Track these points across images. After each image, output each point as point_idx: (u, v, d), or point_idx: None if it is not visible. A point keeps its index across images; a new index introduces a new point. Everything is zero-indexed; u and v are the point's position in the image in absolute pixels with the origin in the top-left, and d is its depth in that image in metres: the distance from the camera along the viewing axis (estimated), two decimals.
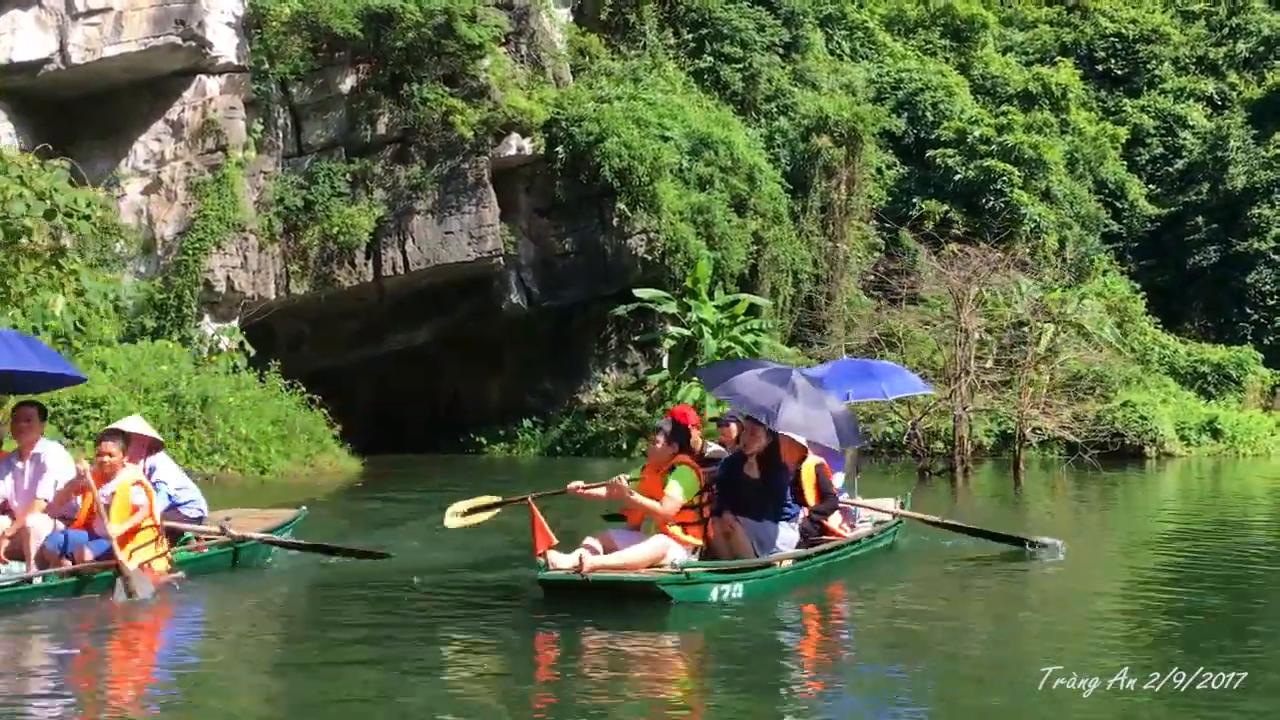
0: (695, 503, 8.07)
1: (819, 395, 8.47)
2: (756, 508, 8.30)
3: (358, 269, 24.35)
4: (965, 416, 17.71)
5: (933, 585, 9.43)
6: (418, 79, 24.29)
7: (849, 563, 9.49)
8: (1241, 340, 35.12)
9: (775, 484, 8.37)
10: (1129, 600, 8.74)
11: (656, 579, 7.59)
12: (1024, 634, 7.60)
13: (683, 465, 8.02)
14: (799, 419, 8.12)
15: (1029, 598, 9.00)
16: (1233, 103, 40.79)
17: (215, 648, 6.95)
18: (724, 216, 28.79)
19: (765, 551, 8.30)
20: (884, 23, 39.87)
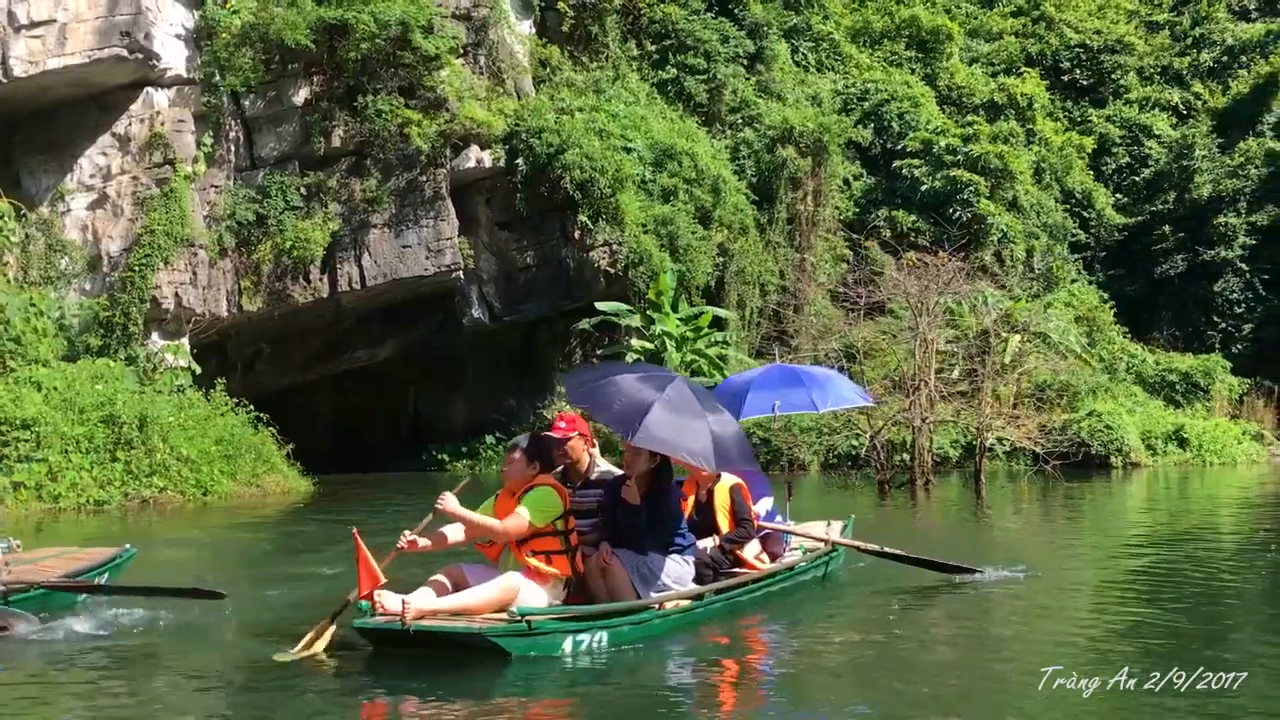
0: (559, 528, 6.90)
1: (699, 406, 7.24)
2: (637, 538, 7.14)
3: (313, 285, 23.89)
4: (925, 428, 17.39)
5: (868, 624, 7.99)
6: (373, 91, 23.90)
7: (764, 599, 8.26)
8: (1210, 349, 35.09)
9: (660, 510, 7.21)
10: (1098, 624, 7.83)
11: (487, 630, 6.31)
12: (976, 691, 5.96)
13: (541, 485, 6.91)
14: (665, 432, 6.90)
15: (983, 637, 7.47)
16: (1198, 112, 40.92)
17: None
18: (688, 228, 28.50)
19: (649, 590, 7.10)
20: (849, 34, 39.79)
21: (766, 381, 10.08)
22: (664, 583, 7.23)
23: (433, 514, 6.86)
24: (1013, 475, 22.00)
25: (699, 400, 7.36)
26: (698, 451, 6.97)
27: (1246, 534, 13.23)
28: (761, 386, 9.93)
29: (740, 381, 10.35)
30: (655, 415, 6.91)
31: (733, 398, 9.80)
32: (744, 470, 8.83)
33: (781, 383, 10.01)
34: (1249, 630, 7.58)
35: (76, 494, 14.72)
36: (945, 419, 18.69)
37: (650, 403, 6.98)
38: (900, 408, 17.55)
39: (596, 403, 7.30)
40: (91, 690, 6.04)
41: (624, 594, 6.97)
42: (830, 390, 10.14)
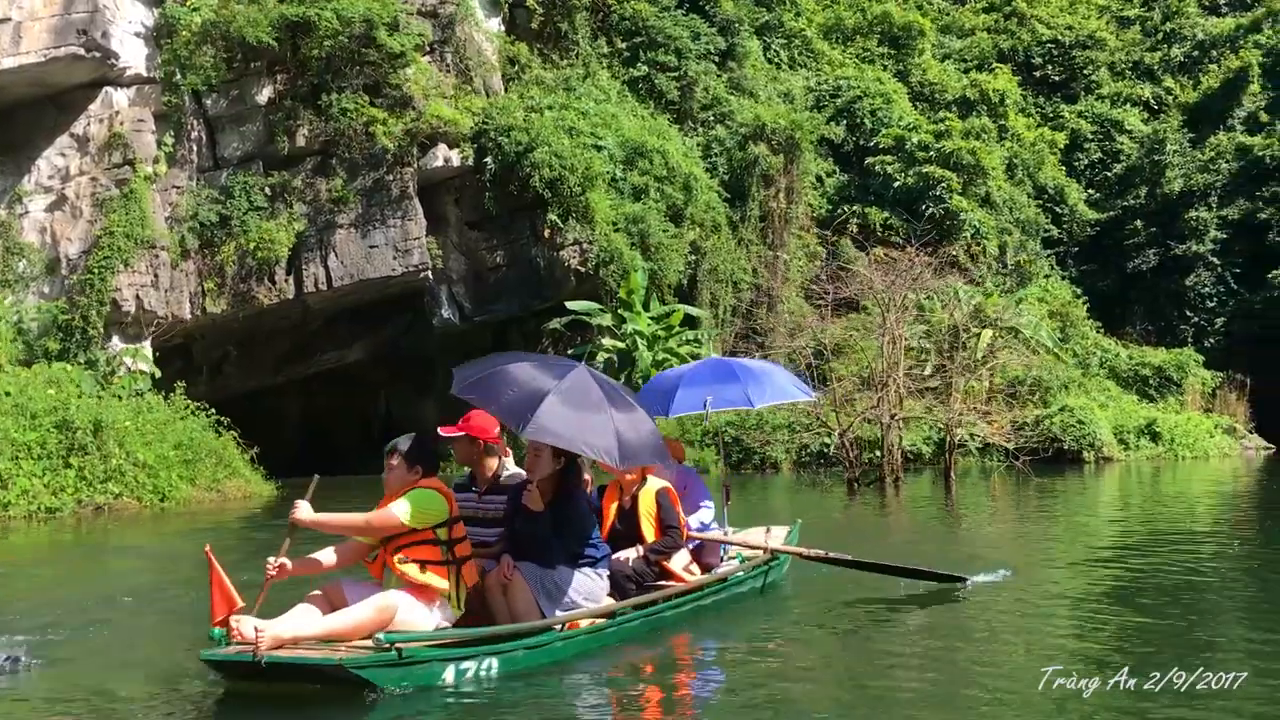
0: (440, 536, 6.08)
1: (601, 398, 6.46)
2: (541, 550, 6.43)
3: (278, 286, 23.56)
4: (895, 424, 17.24)
5: (811, 640, 7.26)
6: (337, 89, 23.61)
7: (693, 615, 7.48)
8: (1182, 343, 35.22)
9: (567, 516, 6.49)
10: (1079, 629, 7.40)
11: (349, 661, 5.46)
12: None
13: (423, 487, 6.12)
14: (561, 424, 6.15)
15: (941, 653, 6.71)
16: (1168, 107, 41.07)
17: None
18: (659, 226, 28.30)
19: (555, 608, 6.38)
20: (821, 31, 39.72)
21: (698, 377, 9.27)
22: (572, 599, 6.49)
23: (289, 528, 6.08)
24: (986, 472, 21.93)
25: (604, 391, 6.59)
26: (600, 447, 6.21)
27: (1223, 529, 13.11)
28: (692, 382, 9.13)
29: (671, 377, 9.50)
30: (550, 406, 6.18)
31: (663, 394, 9.18)
32: (683, 474, 8.51)
33: (714, 378, 9.21)
34: (1237, 628, 7.46)
35: (27, 501, 14.39)
36: (915, 415, 18.53)
37: (545, 392, 6.26)
38: (869, 404, 17.38)
39: (485, 394, 6.48)
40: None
41: (527, 613, 6.28)
42: (766, 384, 9.22)
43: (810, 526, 10.81)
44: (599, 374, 6.85)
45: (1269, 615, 7.77)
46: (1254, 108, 39.24)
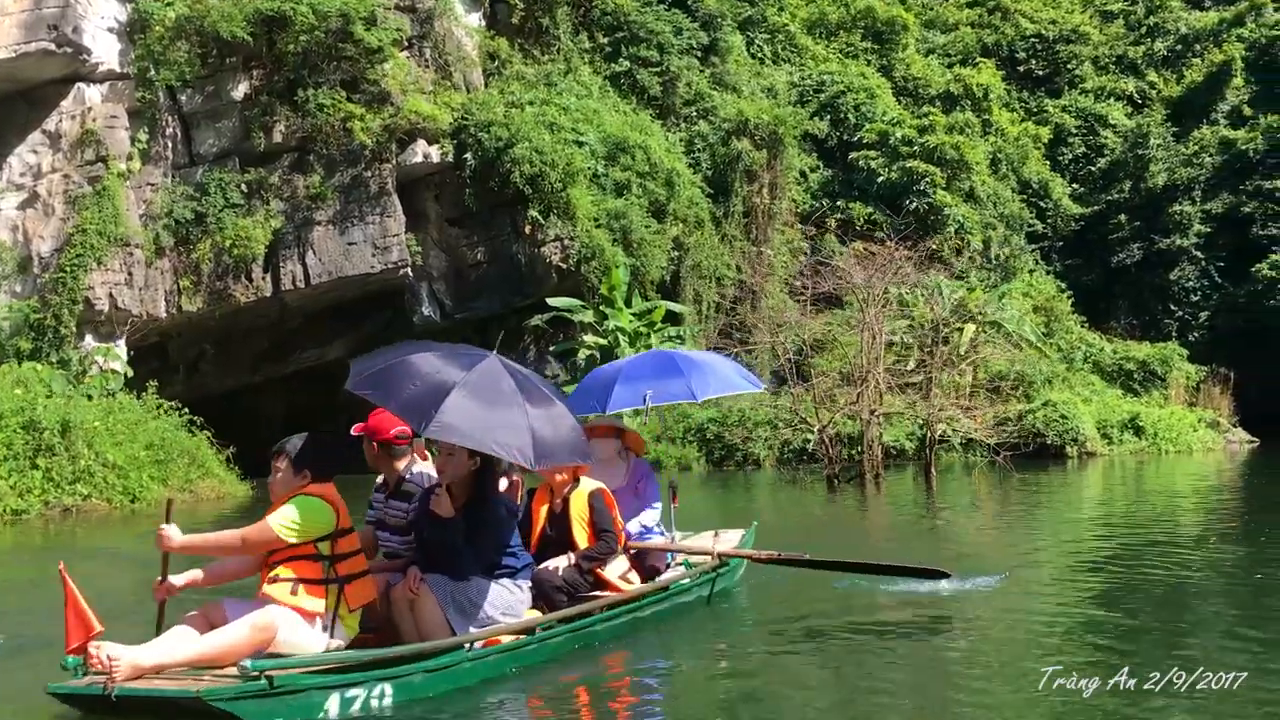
0: (322, 551, 5.43)
1: (514, 391, 5.86)
2: (450, 560, 5.88)
3: (255, 284, 23.34)
4: (875, 420, 17.10)
5: (767, 655, 6.59)
6: (314, 85, 23.37)
7: (629, 628, 6.88)
8: (1167, 337, 35.18)
9: (481, 523, 5.93)
10: (1064, 632, 7.05)
11: (207, 693, 4.80)
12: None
13: (305, 494, 5.50)
14: (467, 421, 5.54)
15: (920, 665, 6.23)
16: (1152, 101, 41.04)
17: None
18: (642, 222, 28.13)
19: (468, 624, 5.82)
20: (805, 26, 39.57)
21: (638, 370, 8.64)
22: (488, 614, 5.93)
23: (161, 553, 5.52)
24: (969, 467, 21.81)
25: (518, 384, 5.97)
26: (512, 445, 5.61)
27: (1209, 525, 12.96)
28: (631, 376, 8.49)
29: (609, 371, 8.83)
30: (455, 401, 5.56)
31: (601, 389, 8.55)
32: (638, 469, 7.95)
33: (656, 371, 8.57)
34: (1229, 626, 7.34)
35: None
36: (895, 411, 18.40)
37: (450, 386, 5.64)
38: (848, 400, 17.24)
39: (384, 388, 5.79)
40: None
41: (436, 631, 5.72)
42: (710, 376, 8.58)
43: (787, 525, 10.70)
44: (514, 365, 6.26)
45: (1260, 613, 7.64)
46: (1237, 101, 39.23)
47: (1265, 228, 35.54)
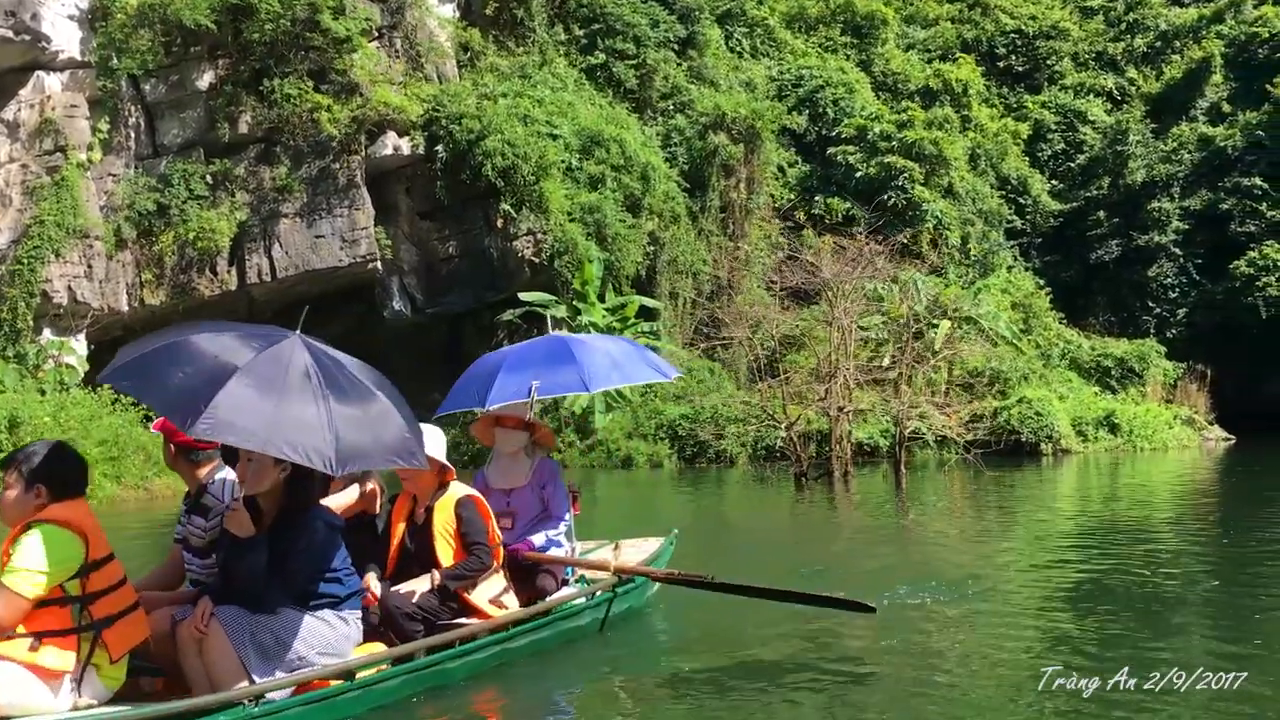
0: (72, 592, 4.39)
1: (316, 382, 4.71)
2: (249, 589, 4.86)
3: (220, 277, 22.95)
4: (844, 416, 16.84)
5: (681, 694, 5.69)
6: (281, 74, 22.98)
7: (496, 665, 5.89)
8: (1145, 334, 35.06)
9: (290, 544, 4.91)
10: (1036, 639, 6.69)
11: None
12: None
13: (43, 524, 4.35)
14: (247, 418, 4.43)
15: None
16: (1131, 97, 40.94)
17: None
18: (616, 216, 27.84)
19: (270, 667, 4.80)
20: (784, 20, 39.31)
21: (526, 358, 7.54)
22: (299, 654, 4.88)
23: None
24: (943, 465, 21.58)
25: (322, 372, 4.78)
26: (306, 447, 4.50)
27: (1185, 525, 12.73)
28: (518, 365, 7.40)
29: (493, 360, 7.75)
30: (234, 392, 4.46)
31: (482, 380, 7.46)
32: (544, 469, 7.02)
33: (547, 359, 7.46)
34: (1204, 628, 7.18)
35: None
36: (863, 408, 18.14)
37: (229, 374, 4.53)
38: (816, 396, 16.98)
39: (145, 378, 4.69)
40: None
41: (228, 676, 4.71)
42: (608, 366, 7.51)
43: (748, 526, 10.37)
44: (323, 349, 5.04)
45: (1239, 615, 7.46)
46: (1216, 98, 39.15)
47: (1243, 225, 35.47)
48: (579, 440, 24.66)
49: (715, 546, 10.70)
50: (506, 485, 7.00)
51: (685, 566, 7.45)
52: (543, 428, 7.25)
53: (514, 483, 6.97)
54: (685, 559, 8.00)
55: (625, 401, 25.32)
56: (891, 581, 8.17)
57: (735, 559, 9.80)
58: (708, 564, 7.68)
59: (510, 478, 6.99)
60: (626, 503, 17.16)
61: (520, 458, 6.99)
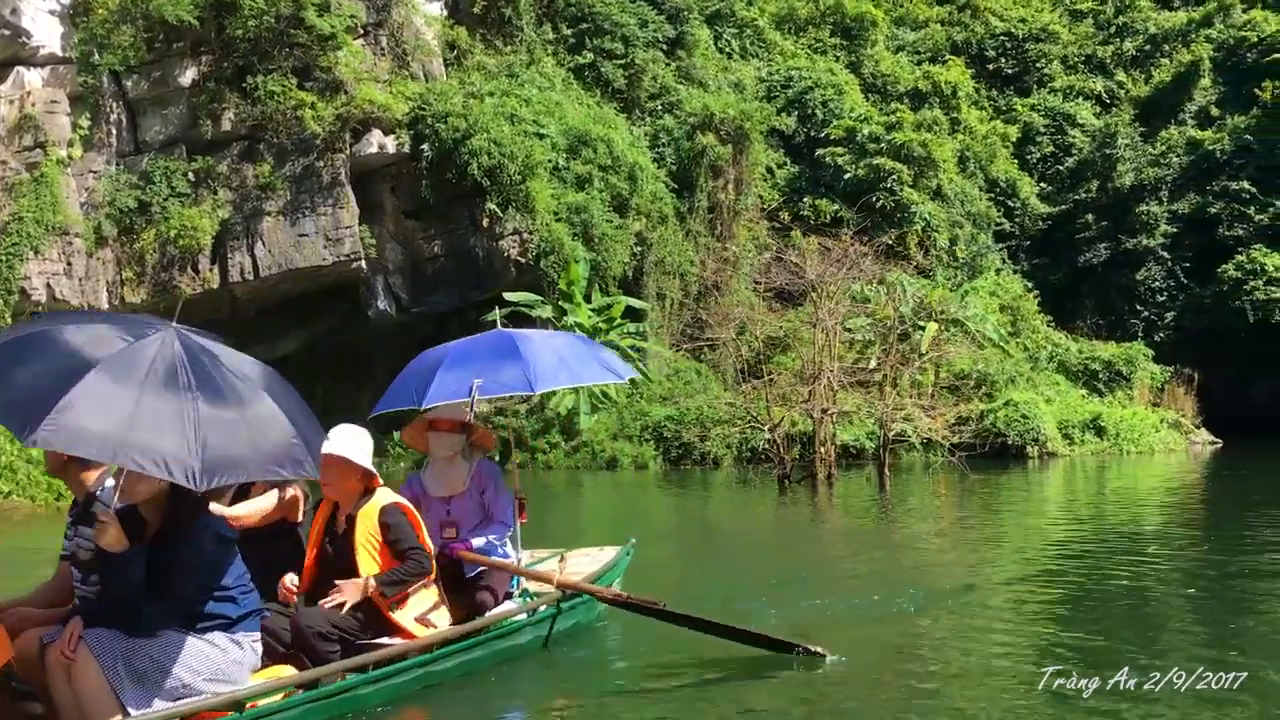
0: None
1: (185, 379, 4.14)
2: (122, 609, 4.36)
3: (202, 275, 22.75)
4: (827, 419, 16.72)
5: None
6: (264, 71, 22.79)
7: (418, 689, 5.36)
8: (1133, 337, 35.05)
9: (172, 557, 4.39)
10: (1009, 651, 6.38)
11: None
12: None
13: None
14: (95, 423, 3.88)
15: None
16: (1120, 101, 40.95)
17: None
18: (603, 216, 27.70)
19: (148, 696, 4.33)
20: (774, 21, 39.23)
21: (469, 354, 6.85)
22: (183, 682, 4.39)
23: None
24: (929, 467, 21.50)
25: (193, 370, 4.17)
26: (161, 455, 3.88)
27: (1172, 530, 12.60)
28: (459, 362, 6.74)
29: (433, 356, 7.01)
30: (84, 394, 3.88)
31: (421, 377, 6.79)
32: (484, 472, 6.52)
33: (491, 356, 6.77)
34: (1195, 632, 7.06)
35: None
36: (847, 410, 18.02)
37: (80, 373, 3.95)
38: (800, 398, 16.86)
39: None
40: None
41: (99, 707, 4.22)
42: (556, 365, 6.80)
43: (727, 528, 10.19)
44: (202, 342, 4.42)
45: (1221, 618, 7.36)
46: (1205, 102, 39.19)
47: (1231, 228, 35.49)
48: (564, 441, 24.52)
49: (691, 551, 10.58)
50: (445, 492, 6.47)
51: (656, 573, 7.27)
52: (480, 430, 6.66)
53: (453, 489, 6.46)
54: (659, 565, 7.85)
55: (611, 403, 25.21)
56: (867, 588, 8.04)
57: (710, 565, 9.65)
58: (680, 570, 7.55)
59: (448, 484, 6.47)
60: (608, 504, 17.05)
61: (457, 462, 6.47)
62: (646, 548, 9.30)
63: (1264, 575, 8.92)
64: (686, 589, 7.95)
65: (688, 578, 8.87)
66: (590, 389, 25.30)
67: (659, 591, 6.87)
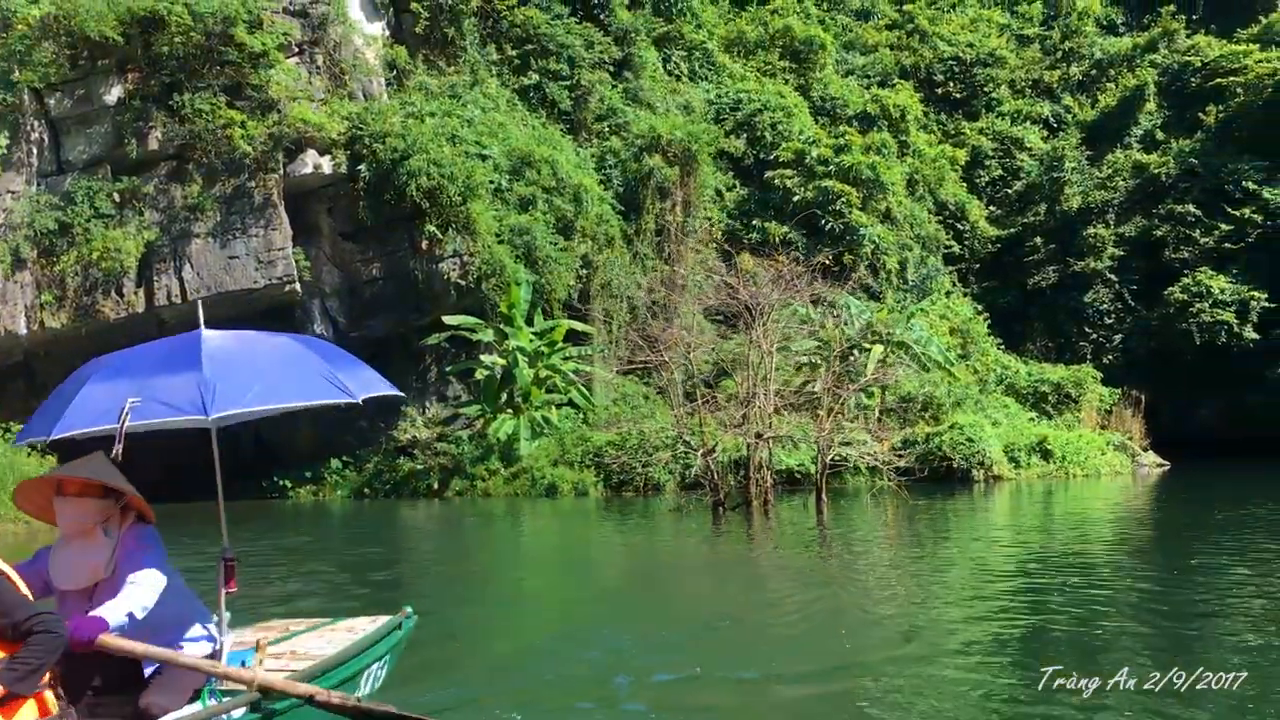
0: None
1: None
2: None
3: (126, 298, 22.04)
4: (762, 443, 16.28)
5: None
6: (193, 89, 22.19)
7: None
8: (1081, 359, 35.06)
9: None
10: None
11: None
12: None
13: None
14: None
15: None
16: (1067, 125, 41.22)
17: None
18: (547, 239, 27.28)
19: None
20: (723, 44, 39.11)
21: (133, 363, 4.76)
22: None
23: None
24: (875, 491, 21.11)
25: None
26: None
27: (1119, 559, 12.17)
28: (122, 372, 4.67)
29: (88, 370, 4.89)
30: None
31: (64, 397, 4.72)
32: (140, 559, 4.50)
33: (164, 365, 4.69)
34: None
35: None
36: (782, 434, 17.59)
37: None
38: (733, 422, 16.41)
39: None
40: None
41: None
42: (245, 379, 4.67)
43: (650, 564, 9.53)
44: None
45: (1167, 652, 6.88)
46: (1150, 126, 39.53)
47: (1177, 251, 35.69)
48: (504, 468, 23.95)
49: (597, 588, 10.02)
50: (81, 583, 4.54)
51: (529, 616, 6.49)
52: (132, 493, 4.62)
53: (92, 576, 4.53)
54: (565, 600, 7.17)
55: (553, 428, 24.68)
56: (762, 650, 7.03)
57: (615, 606, 8.98)
58: (577, 608, 6.93)
59: (82, 571, 4.53)
60: (531, 534, 16.47)
61: (96, 538, 4.54)
62: (538, 581, 8.66)
63: (1210, 610, 8.48)
64: (555, 648, 7.17)
65: (567, 627, 7.97)
66: (531, 414, 24.77)
67: (516, 640, 6.02)
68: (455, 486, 24.11)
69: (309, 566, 13.11)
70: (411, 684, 6.01)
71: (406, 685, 5.92)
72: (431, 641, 6.79)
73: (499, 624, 7.67)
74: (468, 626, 8.02)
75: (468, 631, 7.81)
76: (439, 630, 7.35)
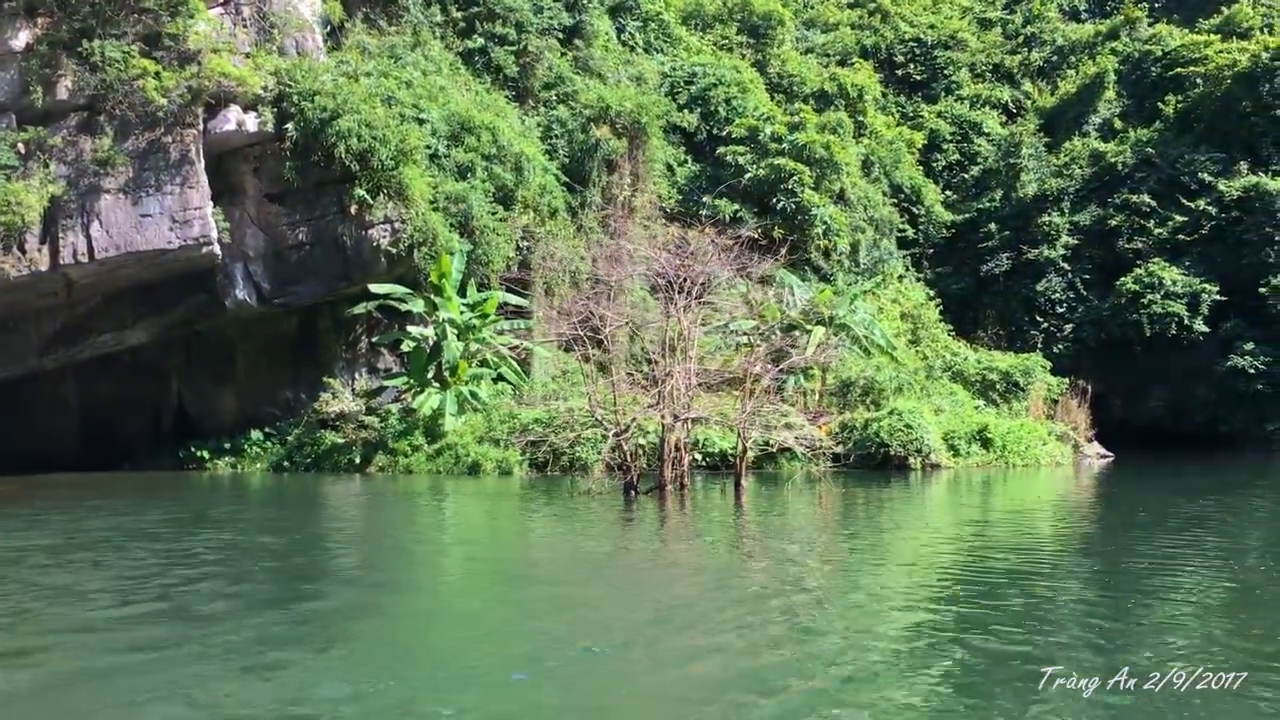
0: None
1: None
2: None
3: (29, 255, 20.92)
4: (679, 424, 15.50)
5: None
6: (106, 36, 21.01)
7: None
8: (1032, 348, 34.61)
9: None
10: None
11: None
12: None
13: None
14: None
15: None
16: (1026, 110, 40.72)
17: None
18: (485, 208, 26.32)
19: None
20: (680, 16, 38.19)
21: None
22: None
23: None
24: (806, 478, 20.44)
25: None
26: None
27: (1050, 552, 11.62)
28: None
29: None
30: None
31: None
32: None
33: None
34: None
35: None
36: (700, 415, 16.82)
37: None
38: (647, 402, 15.64)
39: None
40: None
41: None
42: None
43: (540, 553, 8.69)
44: None
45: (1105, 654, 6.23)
46: (1109, 114, 39.09)
47: (1131, 241, 35.32)
48: (427, 444, 23.07)
49: (467, 580, 9.22)
50: None
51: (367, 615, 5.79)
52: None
53: None
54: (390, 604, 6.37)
55: (482, 404, 23.81)
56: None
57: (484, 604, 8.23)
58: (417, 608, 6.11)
59: None
60: (426, 517, 15.63)
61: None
62: (393, 573, 7.93)
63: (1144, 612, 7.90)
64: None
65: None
66: (459, 389, 23.86)
67: None
68: (378, 462, 23.20)
69: (182, 544, 12.21)
70: None
71: None
72: None
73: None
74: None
75: None
76: None
